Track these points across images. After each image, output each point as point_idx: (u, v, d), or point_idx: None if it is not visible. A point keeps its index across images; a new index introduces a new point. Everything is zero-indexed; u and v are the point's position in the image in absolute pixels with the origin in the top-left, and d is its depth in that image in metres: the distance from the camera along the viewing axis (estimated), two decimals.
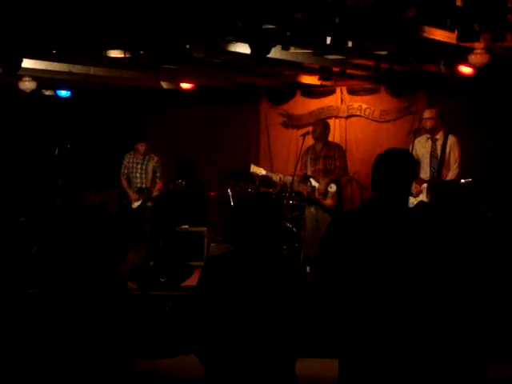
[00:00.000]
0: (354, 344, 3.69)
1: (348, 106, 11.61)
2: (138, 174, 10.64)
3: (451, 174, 8.87)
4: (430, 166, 8.93)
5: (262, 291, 3.66)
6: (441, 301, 3.65)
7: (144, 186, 10.55)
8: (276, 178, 10.02)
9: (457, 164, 8.89)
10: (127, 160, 10.71)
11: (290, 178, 9.72)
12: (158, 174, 10.64)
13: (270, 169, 11.66)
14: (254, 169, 10.19)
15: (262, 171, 10.13)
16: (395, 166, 3.78)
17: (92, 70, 9.94)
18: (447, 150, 8.90)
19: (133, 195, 10.53)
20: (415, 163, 3.93)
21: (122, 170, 10.71)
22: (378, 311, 3.63)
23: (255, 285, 3.66)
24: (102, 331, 4.04)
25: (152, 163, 10.62)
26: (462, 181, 8.81)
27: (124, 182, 10.69)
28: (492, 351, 3.74)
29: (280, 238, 3.83)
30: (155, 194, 10.55)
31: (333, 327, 3.85)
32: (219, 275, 3.74)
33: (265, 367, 3.64)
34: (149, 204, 10.52)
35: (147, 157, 10.64)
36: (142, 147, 10.59)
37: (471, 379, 3.70)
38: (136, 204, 10.48)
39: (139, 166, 10.66)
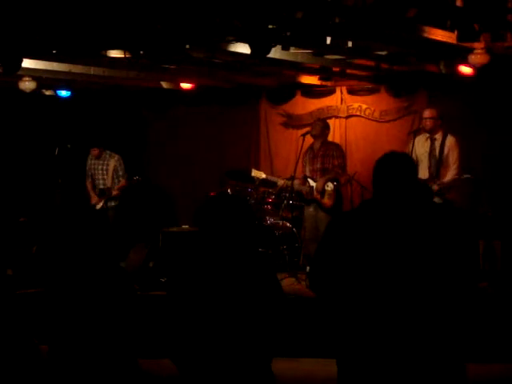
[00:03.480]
0: (357, 344, 3.69)
1: (348, 106, 11.62)
2: (99, 176, 10.69)
3: (450, 174, 8.88)
4: (429, 166, 8.93)
5: (230, 291, 3.66)
6: (438, 300, 3.66)
7: (105, 186, 10.57)
8: (277, 180, 10.02)
9: (456, 164, 8.90)
10: (89, 163, 10.77)
11: (290, 181, 9.72)
12: (120, 173, 10.65)
13: (269, 168, 11.67)
14: (254, 173, 10.19)
15: (262, 175, 10.13)
16: (396, 170, 3.78)
17: (92, 70, 9.93)
18: (446, 150, 8.90)
19: (94, 197, 10.59)
20: (415, 165, 3.93)
21: (87, 173, 10.77)
22: (381, 311, 3.63)
23: (223, 285, 3.67)
24: (105, 329, 4.04)
25: (113, 162, 10.63)
26: (463, 177, 8.84)
27: (88, 185, 10.75)
28: (463, 349, 3.75)
29: (247, 237, 3.83)
30: (115, 193, 10.55)
31: (333, 327, 3.85)
32: (188, 279, 3.75)
33: (240, 366, 3.65)
34: (111, 204, 10.54)
35: (106, 156, 10.66)
36: (94, 152, 10.65)
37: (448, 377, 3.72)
38: (99, 206, 10.51)
39: (100, 166, 10.70)
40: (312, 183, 9.77)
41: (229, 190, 10.32)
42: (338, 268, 3.73)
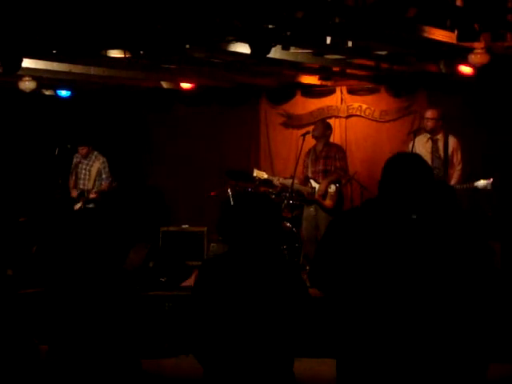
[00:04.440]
0: (356, 344, 3.68)
1: (348, 106, 11.61)
2: (82, 176, 10.61)
3: (455, 175, 8.90)
4: (433, 166, 8.94)
5: (258, 291, 3.65)
6: (442, 300, 3.64)
7: (85, 188, 10.49)
8: (277, 181, 10.02)
9: (460, 165, 8.94)
10: (75, 161, 10.69)
11: (290, 181, 9.73)
12: (103, 176, 10.57)
13: (270, 168, 11.67)
14: (256, 173, 10.21)
15: (263, 175, 10.15)
16: (408, 170, 3.74)
17: (92, 70, 9.93)
18: (450, 151, 8.92)
19: (73, 192, 10.51)
20: (427, 167, 3.86)
21: (71, 171, 10.68)
22: (382, 311, 3.62)
23: (250, 285, 3.66)
24: (105, 329, 4.04)
25: (97, 164, 10.54)
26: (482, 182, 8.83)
27: (70, 183, 10.66)
28: (488, 350, 3.73)
29: (277, 238, 3.82)
30: (92, 196, 10.46)
31: (332, 327, 3.84)
32: (215, 276, 3.74)
33: (262, 367, 3.64)
34: (89, 206, 10.45)
35: (92, 157, 10.59)
36: (83, 150, 10.58)
37: (468, 380, 3.70)
38: (77, 206, 10.45)
39: (84, 166, 10.62)
40: (314, 184, 9.78)
41: (229, 190, 10.32)
42: (339, 267, 3.72)
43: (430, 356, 3.59)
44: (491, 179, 8.93)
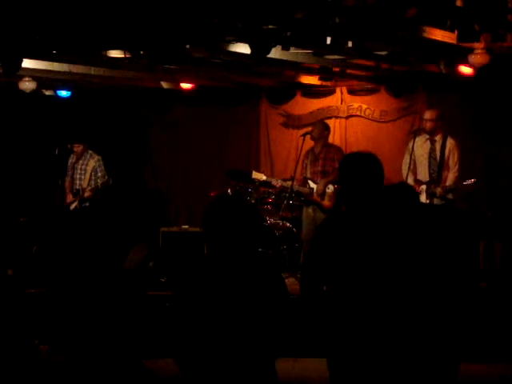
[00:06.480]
0: (344, 343, 3.72)
1: (348, 107, 11.62)
2: (77, 175, 10.49)
3: (451, 176, 8.87)
4: (429, 168, 8.93)
5: (236, 292, 3.66)
6: (418, 300, 3.69)
7: (81, 187, 10.40)
8: (276, 183, 10.02)
9: (457, 167, 8.89)
10: (70, 161, 10.58)
11: (289, 182, 9.74)
12: (99, 174, 10.47)
13: (270, 169, 11.68)
14: (255, 175, 10.20)
15: (262, 177, 10.15)
16: (361, 170, 3.82)
17: (92, 70, 9.94)
18: (446, 153, 8.89)
19: (69, 197, 10.42)
20: (380, 168, 3.92)
21: (67, 172, 10.59)
22: (362, 310, 3.67)
23: (229, 286, 3.67)
24: (106, 329, 4.04)
25: (92, 162, 10.41)
26: (467, 182, 8.80)
27: (66, 185, 10.56)
28: (459, 349, 3.77)
29: (254, 239, 3.83)
30: (87, 194, 10.37)
31: (322, 328, 3.87)
32: (193, 279, 3.75)
33: (243, 367, 3.65)
34: (85, 205, 10.35)
35: (87, 156, 10.50)
36: (78, 148, 10.42)
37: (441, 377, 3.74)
38: (73, 206, 10.37)
39: (79, 166, 10.48)
40: (312, 185, 9.79)
41: (229, 190, 10.32)
42: (325, 269, 3.79)
43: (395, 349, 3.64)
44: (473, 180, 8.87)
